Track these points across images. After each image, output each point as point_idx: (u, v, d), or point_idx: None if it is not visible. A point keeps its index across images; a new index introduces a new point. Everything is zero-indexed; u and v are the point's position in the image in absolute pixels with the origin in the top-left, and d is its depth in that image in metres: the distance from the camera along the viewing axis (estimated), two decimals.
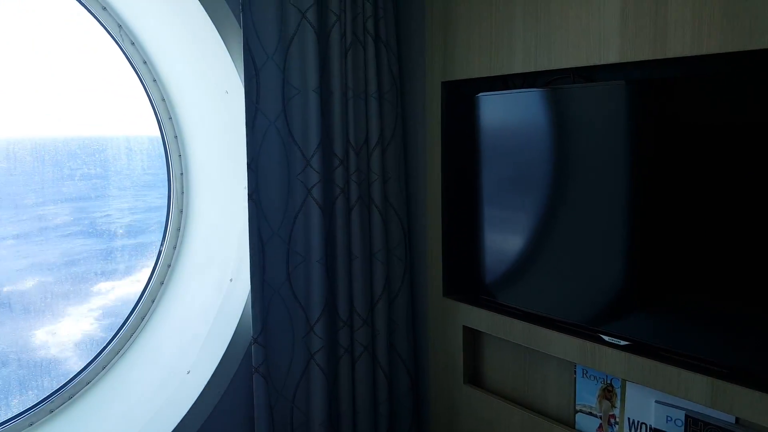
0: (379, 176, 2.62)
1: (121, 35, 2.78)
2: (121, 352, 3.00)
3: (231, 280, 2.76)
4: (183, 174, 3.05)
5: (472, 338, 2.65)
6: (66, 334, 3.06)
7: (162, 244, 3.13)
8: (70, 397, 2.84)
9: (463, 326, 2.59)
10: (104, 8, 2.72)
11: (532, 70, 2.13)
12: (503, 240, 2.34)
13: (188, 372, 2.70)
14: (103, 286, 3.25)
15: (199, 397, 2.53)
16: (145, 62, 2.86)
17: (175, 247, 3.11)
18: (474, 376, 2.69)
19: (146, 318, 3.07)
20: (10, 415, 2.66)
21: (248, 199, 2.36)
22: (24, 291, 3.28)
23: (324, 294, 2.51)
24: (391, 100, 2.66)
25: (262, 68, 2.34)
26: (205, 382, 2.55)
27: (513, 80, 2.37)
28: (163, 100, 2.93)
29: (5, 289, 3.25)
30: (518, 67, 2.20)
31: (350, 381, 2.66)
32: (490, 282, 2.45)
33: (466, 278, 2.57)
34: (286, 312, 2.52)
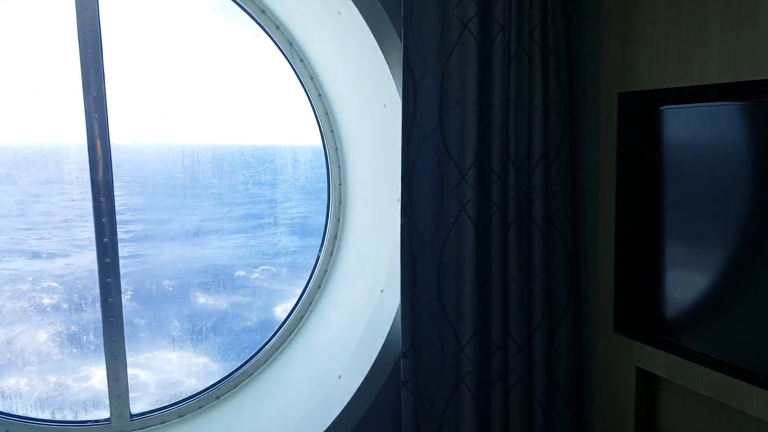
0: (542, 194, 2.44)
1: (291, 52, 2.95)
2: (281, 348, 3.19)
3: (382, 290, 2.78)
4: (341, 184, 3.16)
5: (648, 382, 2.34)
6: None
7: (320, 250, 3.28)
8: (235, 386, 3.08)
9: (637, 368, 2.30)
10: (277, 27, 2.91)
11: (733, 80, 1.81)
12: (691, 272, 2.03)
13: (339, 377, 2.78)
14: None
15: (349, 402, 2.58)
16: (311, 78, 3.00)
17: (331, 254, 3.23)
18: (648, 426, 2.38)
19: (304, 318, 3.23)
20: None
21: (401, 211, 2.35)
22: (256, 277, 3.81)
23: (476, 315, 2.41)
24: (558, 112, 2.46)
25: (421, 81, 2.31)
26: (355, 389, 2.59)
27: (697, 92, 2.05)
28: (327, 113, 3.06)
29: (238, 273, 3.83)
30: (713, 77, 1.89)
31: (503, 410, 2.51)
32: (672, 320, 2.14)
33: (642, 313, 2.28)
34: (436, 329, 2.46)
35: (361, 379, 2.61)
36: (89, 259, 2.74)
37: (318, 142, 3.18)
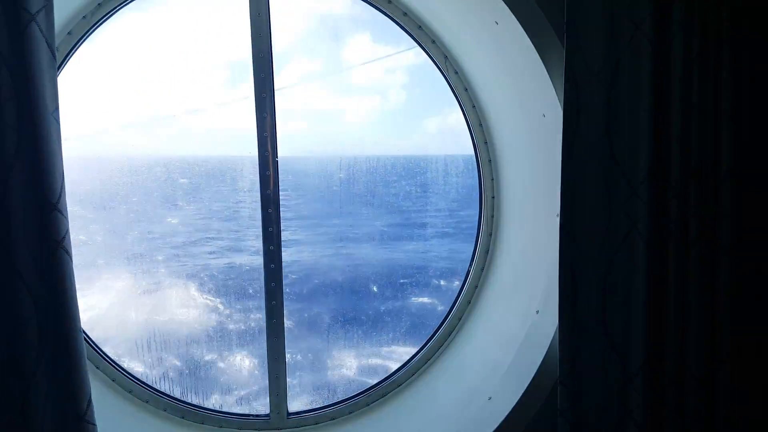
0: (730, 213, 2.14)
1: (446, 65, 2.96)
2: (430, 361, 3.18)
3: (537, 311, 2.64)
4: (494, 197, 3.07)
5: None
6: None
7: (471, 264, 3.22)
8: (383, 395, 3.13)
9: None
10: (433, 41, 2.93)
11: None
12: None
13: (489, 398, 2.68)
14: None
15: (499, 427, 2.48)
16: (466, 89, 2.97)
17: (482, 269, 3.15)
18: None
19: (452, 334, 3.18)
20: None
21: (560, 228, 2.20)
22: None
23: (647, 344, 2.17)
24: (756, 119, 2.15)
25: (585, 88, 2.16)
26: (506, 414, 2.48)
27: None
28: (480, 125, 3.00)
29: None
30: None
31: None
32: None
33: None
34: (599, 356, 2.26)
35: (513, 403, 2.49)
36: (258, 262, 2.97)
37: (469, 151, 3.14)
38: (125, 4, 2.59)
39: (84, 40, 2.56)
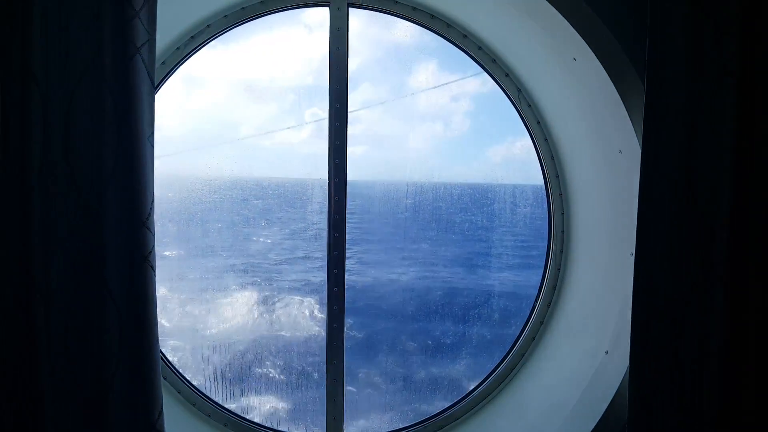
0: None
1: (519, 98, 2.96)
2: (489, 397, 3.11)
3: (607, 352, 2.55)
4: (564, 232, 3.01)
5: None
6: None
7: (536, 299, 3.15)
8: (440, 428, 3.07)
9: None
10: (507, 75, 2.95)
11: None
12: None
13: None
14: None
15: None
16: (539, 122, 2.96)
17: (548, 305, 3.08)
18: None
19: (515, 371, 3.11)
20: None
21: (635, 268, 2.13)
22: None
23: (723, 397, 2.05)
24: None
25: (665, 125, 2.10)
26: None
27: None
28: (552, 158, 2.97)
29: None
30: None
31: None
32: None
33: None
34: (671, 404, 2.15)
35: None
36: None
37: (536, 180, 3.10)
38: (214, 38, 2.78)
39: (176, 70, 2.76)
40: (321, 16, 2.78)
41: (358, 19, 2.91)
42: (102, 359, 1.93)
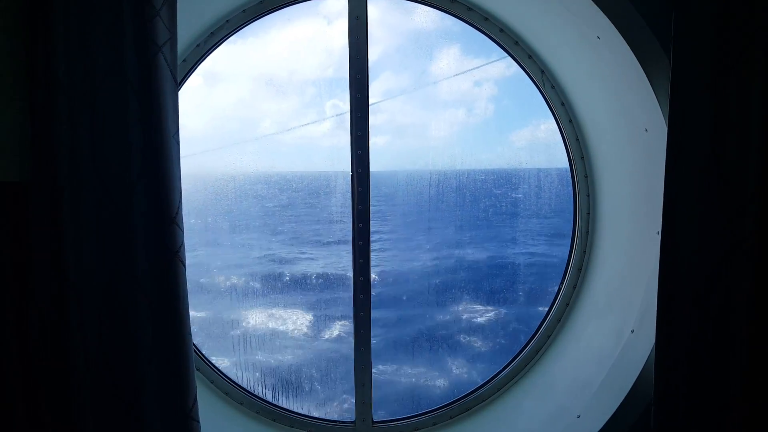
0: None
1: (543, 80, 2.93)
2: (516, 378, 3.13)
3: (632, 331, 2.54)
4: (590, 213, 2.99)
5: None
6: None
7: (562, 282, 3.13)
8: (467, 410, 3.11)
9: None
10: (530, 57, 2.91)
11: None
12: None
13: (578, 416, 2.61)
14: None
15: None
16: (563, 104, 2.92)
17: (574, 287, 3.07)
18: None
19: (541, 352, 3.12)
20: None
21: (661, 246, 2.11)
22: None
23: (749, 374, 2.03)
24: None
25: (691, 102, 2.06)
26: None
27: None
28: (577, 139, 2.94)
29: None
30: None
31: None
32: None
33: None
34: (696, 381, 2.14)
35: (603, 422, 2.43)
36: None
37: (561, 164, 3.08)
38: (234, 33, 2.81)
39: (196, 67, 2.80)
40: (340, 5, 2.78)
41: (377, 7, 2.90)
42: (136, 353, 1.98)
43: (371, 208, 2.89)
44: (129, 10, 1.86)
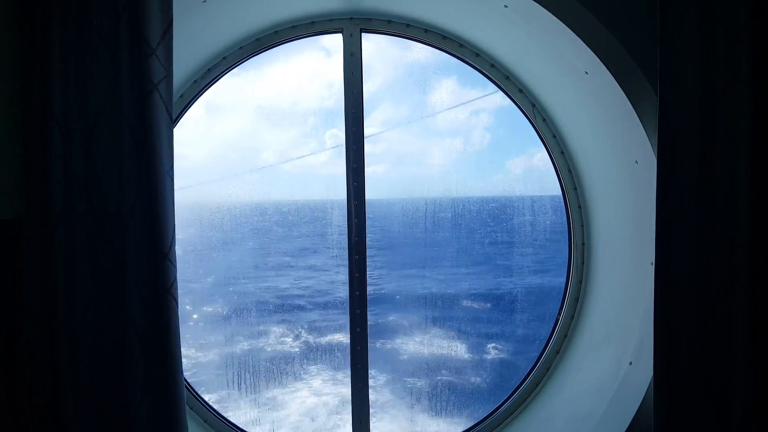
0: None
1: (534, 113, 2.97)
2: (515, 414, 3.08)
3: (630, 363, 2.52)
4: (584, 244, 2.99)
5: None
6: None
7: (559, 313, 3.12)
8: None
9: None
10: (521, 91, 2.96)
11: None
12: None
13: None
14: None
15: None
16: (554, 136, 2.96)
17: (572, 318, 3.05)
18: None
19: (540, 385, 3.08)
20: None
21: (655, 276, 2.11)
22: None
23: (751, 404, 2.00)
24: None
25: (679, 134, 2.09)
26: None
27: None
28: (570, 171, 2.97)
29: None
30: None
31: None
32: None
33: None
34: (697, 411, 2.11)
35: None
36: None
37: (555, 191, 3.10)
38: (230, 69, 2.85)
39: (194, 102, 2.83)
40: (338, 39, 2.84)
41: (376, 42, 2.97)
42: (127, 390, 1.95)
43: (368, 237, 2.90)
44: (125, 48, 1.89)
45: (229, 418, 2.97)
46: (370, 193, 2.89)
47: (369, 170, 2.87)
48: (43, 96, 1.85)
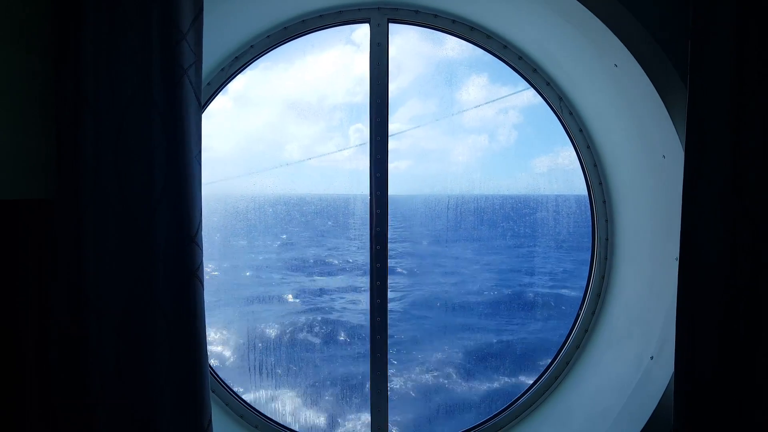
0: None
1: (561, 107, 2.94)
2: (534, 406, 3.08)
3: (652, 357, 2.49)
4: (608, 239, 2.96)
5: None
6: None
7: (581, 307, 3.10)
8: None
9: None
10: (548, 83, 2.94)
11: None
12: None
13: None
14: None
15: None
16: (581, 130, 2.93)
17: (593, 313, 3.03)
18: None
19: (560, 378, 3.07)
20: None
21: (679, 272, 2.08)
22: None
23: None
24: None
25: (708, 129, 2.06)
26: None
27: None
28: (595, 165, 2.94)
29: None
30: None
31: None
32: None
33: None
34: (720, 409, 2.08)
35: None
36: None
37: (580, 191, 3.07)
38: (258, 58, 2.88)
39: (221, 90, 2.87)
40: (366, 30, 2.85)
41: (409, 38, 2.98)
42: (152, 373, 1.97)
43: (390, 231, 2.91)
44: (156, 33, 1.91)
45: (252, 404, 3.02)
46: (394, 188, 2.89)
47: (392, 166, 2.87)
48: (76, 80, 1.87)
